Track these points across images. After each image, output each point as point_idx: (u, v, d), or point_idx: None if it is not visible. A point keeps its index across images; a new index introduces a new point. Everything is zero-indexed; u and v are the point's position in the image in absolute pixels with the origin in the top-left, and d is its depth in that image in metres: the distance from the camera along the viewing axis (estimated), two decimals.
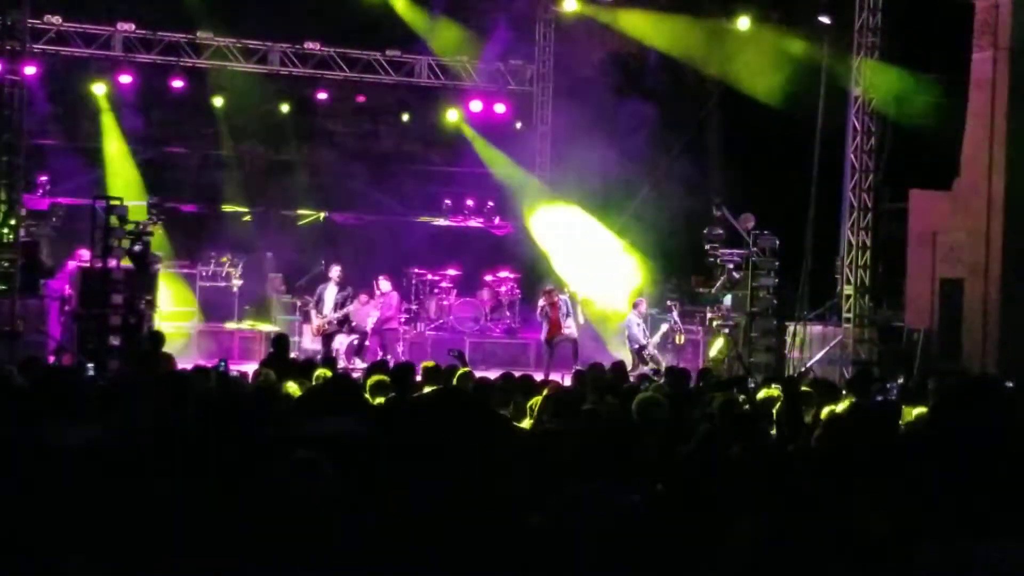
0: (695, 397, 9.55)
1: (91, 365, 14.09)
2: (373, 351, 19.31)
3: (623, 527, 4.56)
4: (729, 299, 18.79)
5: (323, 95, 24.22)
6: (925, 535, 3.94)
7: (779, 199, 19.08)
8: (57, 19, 21.97)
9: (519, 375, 10.45)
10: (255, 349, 20.02)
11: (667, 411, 7.37)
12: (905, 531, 3.98)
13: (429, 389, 9.20)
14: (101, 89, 22.89)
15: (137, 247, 16.64)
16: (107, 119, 23.11)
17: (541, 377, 14.54)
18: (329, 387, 8.02)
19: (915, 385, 12.53)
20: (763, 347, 17.90)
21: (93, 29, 22.53)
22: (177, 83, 23.01)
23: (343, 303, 19.15)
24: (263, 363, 12.36)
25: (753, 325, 17.95)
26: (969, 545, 3.81)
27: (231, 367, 12.07)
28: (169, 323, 19.07)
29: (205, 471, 5.01)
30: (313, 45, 23.72)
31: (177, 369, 11.27)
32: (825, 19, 19.22)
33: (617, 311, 21.29)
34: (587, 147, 22.19)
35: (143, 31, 22.78)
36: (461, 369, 10.67)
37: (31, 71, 18.44)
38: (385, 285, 20.13)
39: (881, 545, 3.95)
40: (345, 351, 19.24)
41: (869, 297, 18.81)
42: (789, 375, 16.15)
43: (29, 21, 18.26)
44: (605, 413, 7.68)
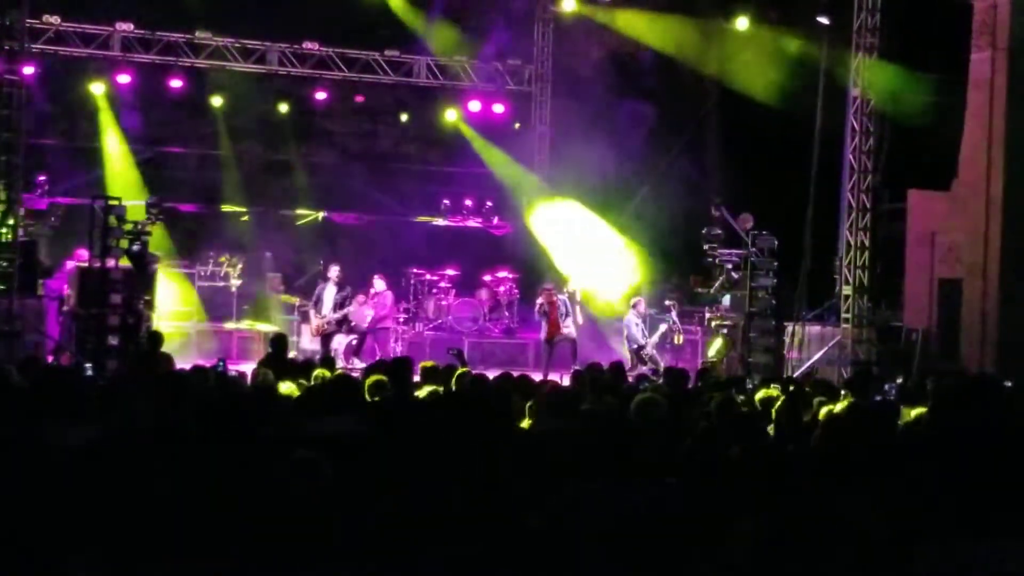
0: (694, 397, 9.54)
1: (89, 365, 14.10)
2: (370, 351, 19.32)
3: (623, 527, 4.56)
4: (728, 299, 18.78)
5: (322, 95, 24.19)
6: (925, 535, 3.95)
7: (778, 199, 19.08)
8: (56, 19, 21.96)
9: (517, 375, 10.45)
10: (254, 349, 20.00)
11: (666, 411, 7.36)
12: (905, 531, 3.99)
13: (428, 388, 9.19)
14: (100, 89, 22.87)
15: (135, 247, 16.64)
16: (106, 119, 23.09)
17: (540, 377, 14.56)
18: (330, 386, 8.03)
19: (914, 385, 12.51)
20: (762, 347, 17.88)
21: (92, 29, 22.51)
22: (176, 83, 23.02)
23: (342, 303, 19.14)
24: (261, 363, 12.35)
25: (752, 325, 17.92)
26: (969, 545, 3.82)
27: (229, 367, 12.08)
28: (168, 323, 19.07)
29: (204, 471, 5.01)
30: (312, 45, 23.72)
31: (176, 369, 11.29)
32: (824, 19, 19.23)
33: (616, 304, 21.37)
34: (586, 147, 22.17)
35: (142, 31, 22.77)
36: (460, 369, 10.67)
37: (30, 71, 18.43)
38: (379, 284, 20.11)
39: (881, 545, 3.95)
40: (344, 351, 19.25)
41: (868, 297, 18.80)
42: (790, 375, 16.17)
43: (28, 21, 18.25)
44: (603, 413, 7.68)
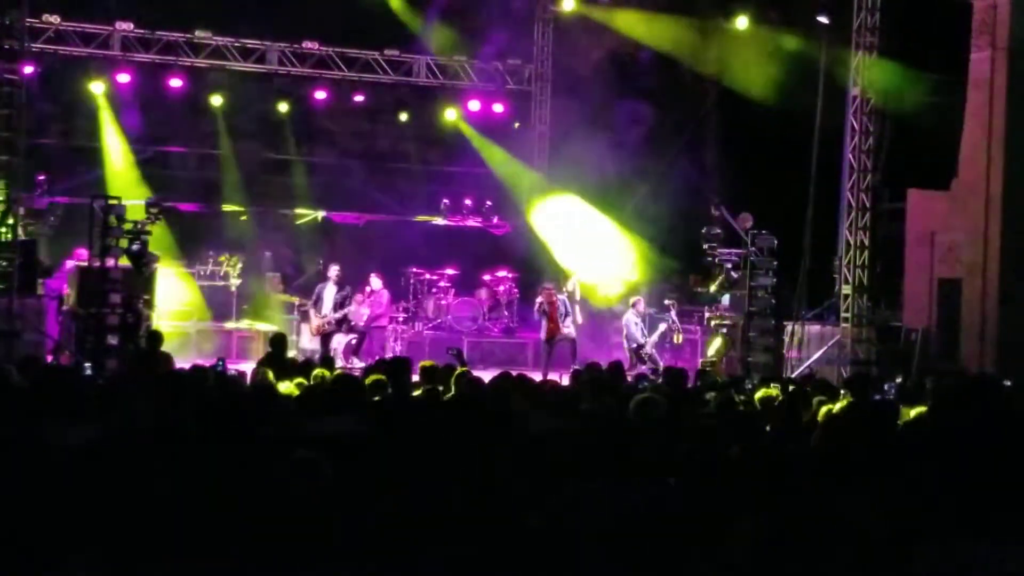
0: (693, 397, 9.55)
1: (89, 364, 14.09)
2: (370, 350, 19.31)
3: (622, 527, 4.56)
4: (727, 299, 18.79)
5: (321, 94, 24.18)
6: (924, 535, 3.95)
7: (777, 199, 19.08)
8: (55, 18, 21.95)
9: (516, 374, 10.44)
10: (253, 348, 20.01)
11: (665, 411, 7.35)
12: (905, 531, 3.99)
13: (427, 388, 9.19)
14: (99, 88, 22.86)
15: (135, 246, 16.63)
16: (105, 118, 23.08)
17: (539, 376, 14.57)
18: (330, 386, 8.04)
19: (913, 385, 12.52)
20: (761, 347, 17.87)
21: (91, 28, 22.51)
22: (175, 82, 23.01)
23: (342, 303, 19.11)
24: (261, 362, 12.35)
25: (751, 325, 17.93)
26: (969, 545, 3.81)
27: (229, 366, 12.08)
28: (167, 322, 19.06)
29: (204, 470, 5.01)
30: (311, 44, 23.71)
31: (175, 368, 11.29)
32: (823, 19, 19.22)
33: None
34: (585, 146, 22.18)
35: (141, 30, 22.76)
36: (459, 368, 10.66)
37: (29, 70, 18.42)
38: (376, 283, 20.08)
39: (881, 545, 3.95)
40: (343, 351, 19.24)
41: (867, 297, 18.79)
42: (789, 375, 16.17)
43: (28, 20, 18.24)
44: (603, 413, 7.68)
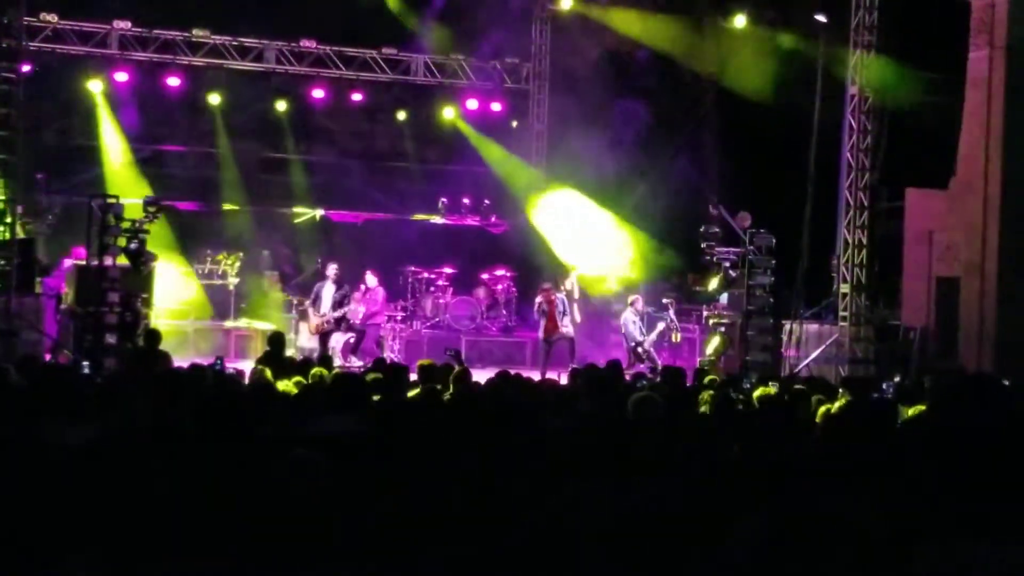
0: (691, 395, 9.54)
1: (87, 363, 14.06)
2: (369, 350, 19.28)
3: (622, 526, 4.56)
4: (725, 297, 18.80)
5: (319, 93, 24.17)
6: (924, 535, 3.94)
7: (776, 198, 19.07)
8: (53, 17, 21.95)
9: (515, 373, 10.44)
10: (251, 347, 20.01)
11: (663, 410, 7.36)
12: (904, 530, 3.98)
13: (425, 388, 9.18)
14: (97, 87, 22.86)
15: (133, 245, 16.62)
16: (103, 117, 23.07)
17: (537, 375, 14.57)
18: (330, 384, 8.03)
19: (912, 384, 12.50)
20: (759, 345, 17.87)
21: (89, 27, 22.51)
22: (173, 81, 23.02)
23: (341, 301, 19.09)
24: (259, 361, 12.34)
25: (749, 323, 17.93)
26: (969, 545, 3.81)
27: (227, 365, 12.07)
28: (165, 321, 19.05)
29: (203, 470, 5.01)
30: (309, 43, 23.71)
31: (173, 367, 11.28)
32: (821, 17, 19.22)
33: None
34: (583, 145, 22.18)
35: (139, 29, 22.77)
36: (457, 368, 10.65)
37: (27, 69, 18.40)
38: (371, 280, 20.07)
39: (880, 544, 3.95)
40: (342, 349, 19.23)
41: (865, 295, 18.79)
42: (788, 374, 16.17)
43: (25, 19, 18.22)
44: (601, 412, 7.68)
